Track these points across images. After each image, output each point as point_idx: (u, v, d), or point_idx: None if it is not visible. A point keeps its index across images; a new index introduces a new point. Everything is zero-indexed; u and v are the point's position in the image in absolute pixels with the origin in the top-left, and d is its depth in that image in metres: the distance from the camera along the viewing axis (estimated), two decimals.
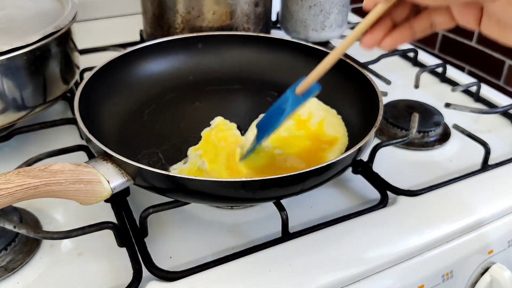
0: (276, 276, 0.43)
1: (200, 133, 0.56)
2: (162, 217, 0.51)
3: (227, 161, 0.51)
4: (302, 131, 0.56)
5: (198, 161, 0.51)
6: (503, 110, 0.70)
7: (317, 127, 0.56)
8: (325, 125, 0.57)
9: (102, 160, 0.43)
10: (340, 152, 0.52)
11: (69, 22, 0.59)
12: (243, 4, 0.69)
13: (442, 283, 0.50)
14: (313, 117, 0.58)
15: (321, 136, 0.55)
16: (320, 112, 0.59)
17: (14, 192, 0.37)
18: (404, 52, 0.85)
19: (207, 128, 0.57)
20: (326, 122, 0.57)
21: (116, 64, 0.59)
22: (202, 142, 0.54)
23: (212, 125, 0.57)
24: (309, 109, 0.59)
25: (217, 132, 0.56)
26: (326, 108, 0.60)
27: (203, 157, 0.51)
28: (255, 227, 0.50)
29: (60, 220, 0.51)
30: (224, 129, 0.56)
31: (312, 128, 0.56)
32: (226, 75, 0.66)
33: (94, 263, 0.46)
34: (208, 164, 0.50)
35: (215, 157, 0.52)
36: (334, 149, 0.53)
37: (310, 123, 0.57)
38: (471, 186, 0.55)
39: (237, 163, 0.51)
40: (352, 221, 0.50)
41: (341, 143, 0.54)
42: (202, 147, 0.53)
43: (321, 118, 0.58)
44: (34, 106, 0.56)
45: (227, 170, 0.50)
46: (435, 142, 0.64)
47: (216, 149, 0.53)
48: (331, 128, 0.56)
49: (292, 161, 0.51)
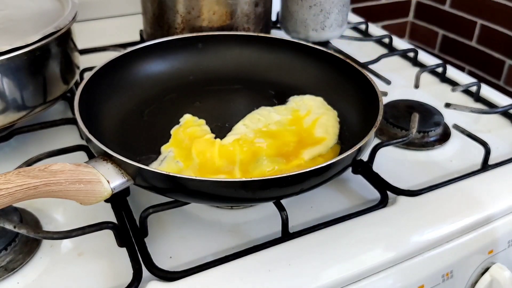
0: (276, 276, 0.43)
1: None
2: (162, 217, 0.51)
3: (198, 157, 0.51)
4: (293, 127, 0.56)
5: (173, 161, 0.51)
6: (503, 110, 0.70)
7: (310, 125, 0.57)
8: (318, 124, 0.56)
9: (102, 160, 0.43)
10: (319, 153, 0.52)
11: (69, 22, 0.59)
12: (243, 4, 0.69)
13: (442, 283, 0.50)
14: (311, 114, 0.58)
15: (309, 134, 0.55)
16: (320, 110, 0.59)
17: (14, 192, 0.37)
18: (404, 52, 0.85)
19: (176, 126, 0.57)
20: (320, 121, 0.57)
21: (116, 64, 0.59)
22: (172, 140, 0.54)
23: (181, 123, 0.57)
24: (311, 107, 0.59)
25: (185, 129, 0.56)
26: (328, 108, 0.60)
27: (176, 157, 0.51)
28: (255, 227, 0.50)
29: (60, 220, 0.51)
30: (193, 125, 0.56)
31: (304, 125, 0.57)
32: (226, 75, 0.66)
33: (94, 263, 0.46)
34: (183, 163, 0.51)
35: (188, 155, 0.52)
36: (314, 148, 0.53)
37: (305, 120, 0.57)
38: (471, 186, 0.55)
39: (209, 157, 0.51)
40: (352, 221, 0.50)
41: (325, 145, 0.53)
42: (172, 144, 0.53)
43: (317, 116, 0.58)
44: (34, 106, 0.56)
45: (200, 165, 0.50)
46: (435, 142, 0.64)
47: (187, 146, 0.53)
48: (322, 129, 0.56)
49: (268, 152, 0.52)
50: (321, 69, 0.63)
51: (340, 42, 0.88)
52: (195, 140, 0.54)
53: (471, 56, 1.30)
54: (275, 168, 0.50)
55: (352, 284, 0.45)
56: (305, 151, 0.52)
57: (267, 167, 0.50)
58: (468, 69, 1.32)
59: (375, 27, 1.00)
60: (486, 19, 1.23)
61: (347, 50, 0.84)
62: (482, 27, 1.25)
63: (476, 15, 1.25)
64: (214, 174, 0.49)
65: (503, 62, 1.23)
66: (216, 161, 0.51)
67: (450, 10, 1.31)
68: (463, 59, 1.33)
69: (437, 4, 1.34)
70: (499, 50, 1.23)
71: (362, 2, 1.27)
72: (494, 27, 1.22)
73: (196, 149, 0.52)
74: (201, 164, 0.51)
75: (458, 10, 1.29)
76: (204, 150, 0.52)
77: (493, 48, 1.24)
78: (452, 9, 1.30)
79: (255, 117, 0.58)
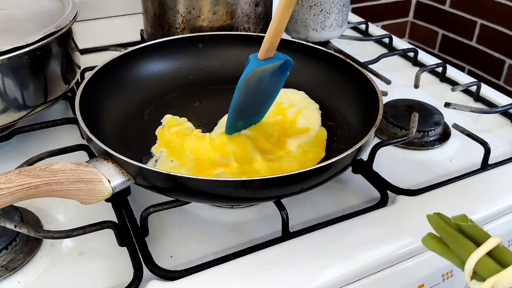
0: (277, 275, 0.43)
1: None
2: (162, 216, 0.51)
3: (192, 153, 0.52)
4: (279, 116, 0.58)
5: (167, 160, 0.51)
6: (503, 110, 0.70)
7: (293, 116, 0.58)
8: (301, 116, 0.58)
9: (102, 159, 0.43)
10: (304, 142, 0.54)
11: (70, 22, 0.59)
12: (244, 4, 0.69)
13: (442, 282, 0.50)
14: (294, 107, 0.60)
15: (293, 124, 0.57)
16: (302, 103, 0.61)
17: (15, 191, 0.37)
18: (404, 51, 0.85)
19: (159, 127, 0.57)
20: (303, 113, 0.59)
21: (117, 64, 0.59)
22: (159, 140, 0.55)
23: (163, 123, 0.57)
24: (293, 100, 0.61)
25: (169, 129, 0.56)
26: (310, 101, 0.61)
27: (169, 157, 0.52)
28: (256, 226, 0.50)
29: (61, 219, 0.51)
30: (176, 124, 0.57)
31: (288, 116, 0.59)
32: (227, 75, 0.66)
33: (94, 263, 0.46)
34: (177, 161, 0.51)
35: (181, 153, 0.52)
36: (299, 137, 0.55)
37: (288, 112, 0.59)
38: (471, 186, 0.55)
39: (203, 152, 0.52)
40: (352, 220, 0.50)
41: (309, 135, 0.55)
42: (161, 145, 0.54)
43: (300, 108, 0.59)
44: (35, 106, 0.57)
45: (195, 161, 0.51)
46: (435, 141, 0.64)
47: (178, 145, 0.53)
48: (305, 120, 0.58)
49: (255, 142, 0.54)
50: (321, 69, 0.63)
51: (340, 42, 0.88)
52: (186, 138, 0.54)
53: (471, 56, 1.30)
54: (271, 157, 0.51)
55: (353, 283, 0.45)
56: (290, 140, 0.54)
57: (261, 157, 0.51)
58: (468, 69, 1.32)
59: (375, 27, 1.00)
60: (486, 19, 1.23)
61: (347, 50, 0.84)
62: (482, 26, 1.25)
63: (476, 15, 1.25)
64: (211, 169, 0.50)
65: (503, 62, 1.23)
66: (210, 155, 0.52)
67: (450, 10, 1.31)
68: (463, 59, 1.33)
69: (437, 4, 1.34)
70: (499, 49, 1.23)
71: (362, 2, 1.27)
72: (494, 27, 1.22)
73: (188, 146, 0.53)
74: (196, 160, 0.51)
75: (458, 10, 1.29)
76: (197, 146, 0.53)
77: (493, 48, 1.24)
78: (452, 9, 1.30)
79: None
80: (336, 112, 0.60)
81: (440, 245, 0.33)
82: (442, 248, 0.33)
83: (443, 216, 0.33)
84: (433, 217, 0.34)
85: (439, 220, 0.33)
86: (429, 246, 0.34)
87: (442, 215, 0.33)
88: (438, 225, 0.33)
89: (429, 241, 0.34)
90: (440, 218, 0.33)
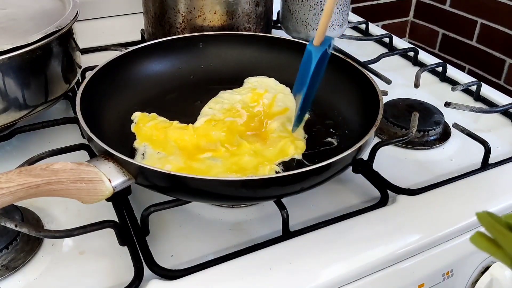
0: (277, 274, 0.43)
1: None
2: (163, 215, 0.51)
3: (176, 142, 0.53)
4: (255, 103, 0.61)
5: (154, 153, 0.52)
6: (503, 109, 0.70)
7: (271, 101, 0.61)
8: (277, 99, 0.61)
9: (103, 159, 0.44)
10: (285, 121, 0.57)
11: (71, 21, 0.59)
12: (244, 4, 0.69)
13: (443, 282, 0.50)
14: (268, 92, 0.62)
15: (271, 107, 0.60)
16: (276, 88, 0.64)
17: (15, 191, 0.37)
18: (404, 51, 0.85)
19: (133, 124, 0.57)
20: (278, 96, 0.62)
21: (118, 64, 0.59)
22: (139, 136, 0.55)
23: (135, 120, 0.57)
24: (266, 86, 0.64)
25: (144, 124, 0.56)
26: (282, 86, 0.64)
27: (155, 148, 0.52)
28: (256, 225, 0.51)
29: (62, 219, 0.51)
30: (149, 120, 0.57)
31: (265, 101, 0.61)
32: (227, 74, 0.66)
33: (95, 262, 0.46)
34: (164, 152, 0.52)
35: (165, 144, 0.53)
36: (280, 117, 0.58)
37: (264, 96, 0.62)
38: (471, 185, 0.55)
39: (188, 139, 0.53)
40: (353, 220, 0.50)
41: (287, 116, 0.58)
42: (143, 140, 0.54)
43: (275, 93, 0.62)
44: (36, 105, 0.57)
45: (181, 149, 0.52)
46: (435, 141, 0.64)
47: (160, 137, 0.54)
48: (282, 102, 0.61)
49: (240, 128, 0.56)
50: None
51: (340, 41, 0.88)
52: (167, 130, 0.55)
53: (471, 55, 1.30)
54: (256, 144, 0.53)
55: (353, 282, 0.45)
56: (271, 121, 0.57)
57: (247, 140, 0.53)
58: (468, 68, 1.32)
59: (375, 27, 1.00)
60: (486, 18, 1.23)
61: (347, 49, 0.84)
62: (482, 26, 1.25)
63: (476, 15, 1.25)
64: (199, 154, 0.51)
65: (503, 61, 1.23)
66: (196, 142, 0.53)
67: (450, 9, 1.31)
68: (463, 58, 1.33)
69: (437, 4, 1.34)
70: (499, 49, 1.23)
71: (362, 1, 1.27)
72: (494, 26, 1.22)
73: (172, 137, 0.54)
74: (182, 147, 0.52)
75: (458, 9, 1.29)
76: (181, 135, 0.54)
77: (493, 47, 1.24)
78: (452, 8, 1.30)
79: (219, 100, 0.61)
80: (336, 111, 0.60)
81: (490, 243, 0.33)
82: (492, 247, 0.33)
83: (493, 214, 0.33)
84: (482, 215, 0.33)
85: (489, 218, 0.32)
86: (478, 244, 0.33)
87: (492, 213, 0.33)
88: (488, 223, 0.32)
89: (478, 240, 0.33)
90: (489, 216, 0.33)
